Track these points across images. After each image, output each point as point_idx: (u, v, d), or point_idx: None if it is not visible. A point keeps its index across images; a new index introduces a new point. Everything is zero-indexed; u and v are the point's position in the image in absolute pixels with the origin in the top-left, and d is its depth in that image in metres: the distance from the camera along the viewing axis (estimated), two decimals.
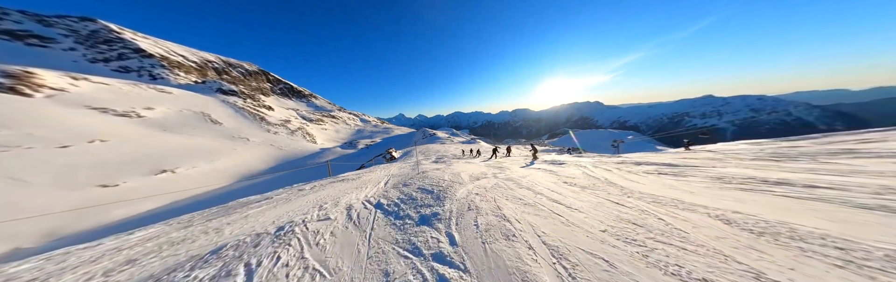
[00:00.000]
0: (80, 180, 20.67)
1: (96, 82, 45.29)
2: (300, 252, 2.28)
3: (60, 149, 23.86)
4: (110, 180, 21.96)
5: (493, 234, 2.30)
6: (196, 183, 24.93)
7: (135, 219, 17.86)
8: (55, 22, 76.42)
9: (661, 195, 3.11)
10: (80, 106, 36.02)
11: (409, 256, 2.05)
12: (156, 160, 27.64)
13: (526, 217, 2.70)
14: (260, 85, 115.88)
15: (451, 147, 27.04)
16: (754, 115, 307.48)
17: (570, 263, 1.78)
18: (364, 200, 3.98)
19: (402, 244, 2.27)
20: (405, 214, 3.12)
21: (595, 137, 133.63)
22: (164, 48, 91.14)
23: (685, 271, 1.57)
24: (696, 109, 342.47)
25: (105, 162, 24.18)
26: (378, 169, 8.83)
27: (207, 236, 2.99)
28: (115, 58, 75.59)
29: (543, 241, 2.12)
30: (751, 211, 2.31)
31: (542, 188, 4.04)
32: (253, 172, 32.12)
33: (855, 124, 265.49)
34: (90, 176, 21.67)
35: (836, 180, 2.86)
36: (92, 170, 22.51)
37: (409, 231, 2.56)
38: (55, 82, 38.19)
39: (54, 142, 24.32)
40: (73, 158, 23.01)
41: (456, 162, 10.04)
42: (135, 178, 23.69)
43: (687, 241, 1.91)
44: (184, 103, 53.74)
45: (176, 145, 33.74)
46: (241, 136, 48.56)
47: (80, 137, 26.94)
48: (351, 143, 63.97)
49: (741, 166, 4.31)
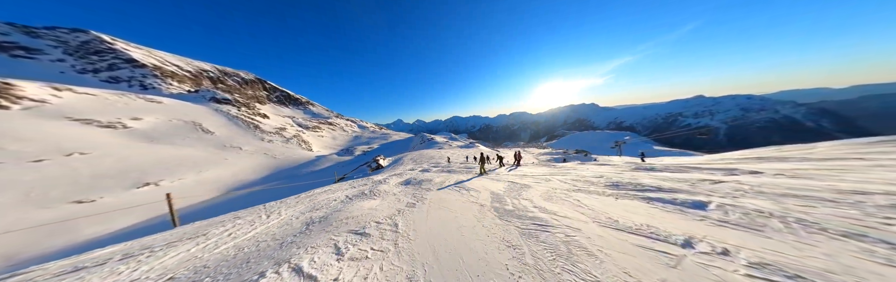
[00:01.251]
0: (52, 197, 19.22)
1: (81, 93, 44.05)
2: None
3: (34, 163, 22.45)
4: (86, 196, 20.50)
5: None
6: (180, 196, 23.51)
7: (107, 237, 16.43)
8: (44, 33, 75.73)
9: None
10: (61, 118, 34.65)
11: None
12: (139, 173, 26.22)
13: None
14: (256, 93, 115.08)
15: (449, 152, 26.08)
16: (745, 113, 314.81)
17: None
18: None
19: None
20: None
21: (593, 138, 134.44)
22: (158, 58, 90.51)
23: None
24: (688, 109, 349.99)
25: (83, 176, 22.75)
26: (333, 190, 6.50)
27: None
28: (106, 68, 74.56)
29: None
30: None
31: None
32: (243, 183, 30.71)
33: (840, 121, 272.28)
34: (65, 192, 20.22)
35: None
36: (67, 185, 21.07)
37: None
38: (36, 94, 36.92)
39: (28, 156, 22.92)
40: (47, 173, 21.59)
41: (445, 178, 7.30)
42: (114, 192, 22.24)
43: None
44: (174, 113, 52.47)
45: (162, 157, 32.33)
46: (234, 145, 47.20)
47: (57, 150, 25.55)
48: (347, 149, 62.75)
49: None
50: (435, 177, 7.80)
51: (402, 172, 11.00)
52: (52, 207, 18.24)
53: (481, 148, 38.01)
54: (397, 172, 11.35)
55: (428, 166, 14.21)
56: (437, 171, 10.32)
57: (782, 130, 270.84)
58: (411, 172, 10.53)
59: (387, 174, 10.62)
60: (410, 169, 13.47)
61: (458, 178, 7.30)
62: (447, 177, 7.66)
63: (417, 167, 14.48)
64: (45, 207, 18.04)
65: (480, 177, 7.37)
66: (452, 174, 8.45)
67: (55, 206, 18.56)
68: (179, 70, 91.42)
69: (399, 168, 16.31)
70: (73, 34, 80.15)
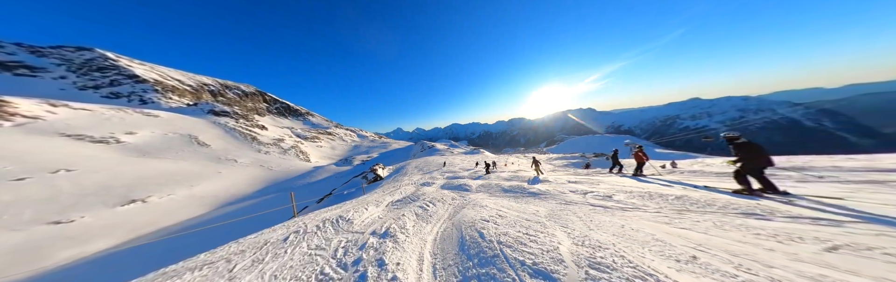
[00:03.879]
0: (26, 218, 17.93)
1: (77, 108, 43.79)
2: None
3: (15, 182, 21.35)
4: (65, 216, 19.19)
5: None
6: (167, 213, 22.14)
7: (82, 262, 14.97)
8: (50, 52, 77.55)
9: None
10: (53, 134, 33.96)
11: None
12: (126, 189, 25.00)
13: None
14: (256, 105, 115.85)
15: (458, 159, 24.18)
16: (742, 114, 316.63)
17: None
18: None
19: None
20: None
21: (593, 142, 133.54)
22: (160, 73, 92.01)
23: None
24: (685, 112, 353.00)
25: (64, 194, 21.54)
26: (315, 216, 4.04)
27: None
28: (107, 84, 75.41)
29: None
30: None
31: None
32: (237, 197, 29.33)
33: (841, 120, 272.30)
34: (41, 211, 18.94)
35: None
36: (46, 204, 19.83)
37: None
38: (30, 110, 36.54)
39: (9, 175, 21.87)
40: (25, 192, 20.42)
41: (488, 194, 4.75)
42: (96, 210, 20.91)
43: None
44: (170, 126, 51.99)
45: (153, 172, 31.21)
46: (230, 157, 46.16)
47: (42, 168, 24.53)
48: (346, 159, 61.58)
49: None
50: (484, 200, 4.23)
51: (414, 192, 6.53)
52: (23, 230, 16.89)
53: (487, 154, 36.98)
54: (404, 188, 7.93)
55: (444, 178, 10.50)
56: (483, 192, 5.78)
57: (783, 130, 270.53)
58: (431, 191, 6.48)
59: (392, 194, 6.47)
60: (423, 183, 9.13)
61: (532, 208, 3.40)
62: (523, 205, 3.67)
63: (432, 180, 10.02)
64: (15, 230, 16.70)
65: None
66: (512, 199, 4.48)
67: (27, 227, 17.22)
68: (180, 84, 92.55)
69: (403, 180, 12.69)
70: (78, 52, 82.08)
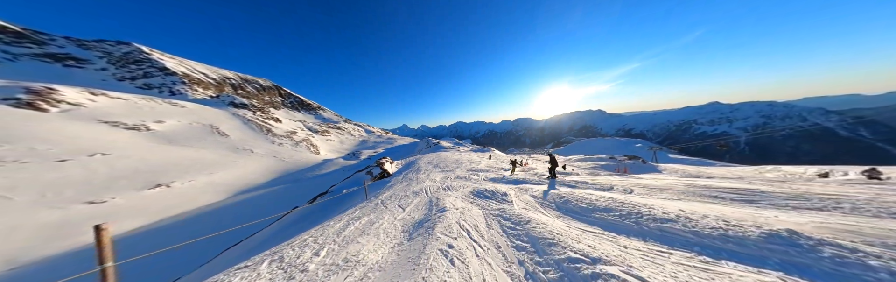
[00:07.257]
0: (66, 197, 19.67)
1: (114, 97, 47.02)
2: None
3: (57, 163, 23.38)
4: (98, 196, 20.91)
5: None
6: (187, 198, 23.64)
7: (118, 238, 16.35)
8: (93, 45, 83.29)
9: None
10: (92, 120, 36.74)
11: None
12: (152, 174, 26.83)
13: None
14: (272, 99, 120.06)
15: (475, 157, 21.77)
16: (766, 121, 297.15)
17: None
18: None
19: None
20: None
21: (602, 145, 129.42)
22: (188, 67, 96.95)
23: None
24: (702, 116, 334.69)
25: (99, 177, 23.41)
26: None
27: None
28: (141, 76, 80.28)
29: None
30: None
31: None
32: (249, 186, 30.82)
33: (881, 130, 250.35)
34: (79, 192, 20.73)
35: None
36: (83, 185, 21.65)
37: None
38: (74, 97, 39.60)
39: (53, 156, 23.97)
40: (66, 173, 22.36)
41: None
42: (126, 193, 22.64)
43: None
44: (195, 116, 54.92)
45: (178, 158, 33.24)
46: (246, 148, 48.35)
47: (81, 151, 26.68)
48: (354, 153, 63.03)
49: None
50: None
51: (452, 203, 4.43)
52: (64, 208, 18.56)
53: (496, 152, 36.85)
54: (439, 200, 5.24)
55: (481, 178, 8.07)
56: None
57: (813, 138, 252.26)
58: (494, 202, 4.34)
59: (413, 182, 4.44)
60: (443, 186, 6.52)
61: None
62: None
63: (475, 184, 7.26)
64: (55, 208, 18.38)
65: None
66: None
67: (67, 206, 18.91)
68: (205, 77, 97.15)
69: (421, 177, 10.03)
70: (117, 46, 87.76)
